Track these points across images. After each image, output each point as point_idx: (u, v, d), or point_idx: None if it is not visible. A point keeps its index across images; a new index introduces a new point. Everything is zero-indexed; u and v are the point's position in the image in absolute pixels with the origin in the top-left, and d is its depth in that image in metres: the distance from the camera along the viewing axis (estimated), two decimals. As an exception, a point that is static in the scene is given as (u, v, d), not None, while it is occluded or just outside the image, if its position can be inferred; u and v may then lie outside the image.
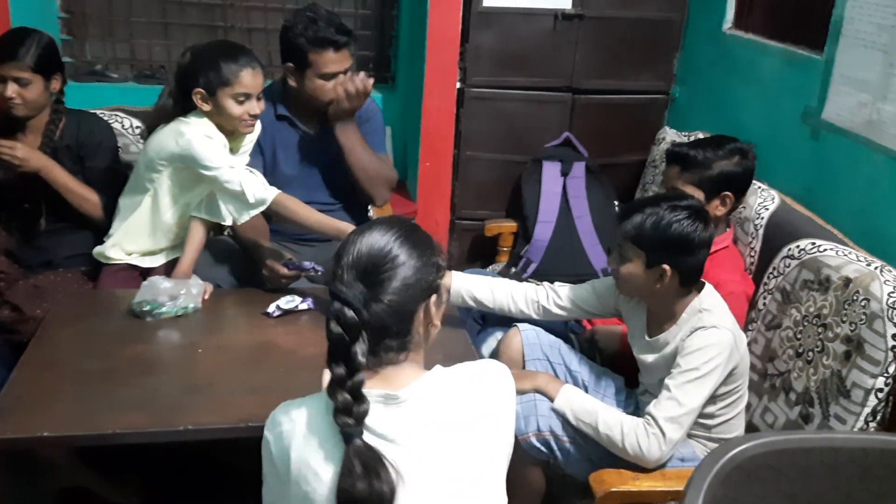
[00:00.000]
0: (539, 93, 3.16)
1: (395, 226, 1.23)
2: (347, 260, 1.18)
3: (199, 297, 2.10)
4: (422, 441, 1.17)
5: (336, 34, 2.30)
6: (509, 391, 1.28)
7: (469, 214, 3.28)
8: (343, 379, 1.15)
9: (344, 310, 1.14)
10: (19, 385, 1.69)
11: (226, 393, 1.74)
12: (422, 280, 1.19)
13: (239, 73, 2.15)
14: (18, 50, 2.25)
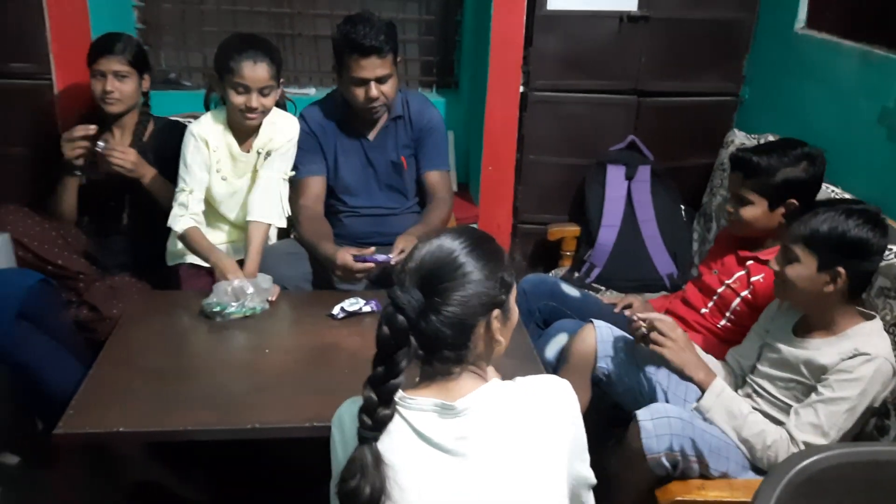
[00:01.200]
0: (603, 95, 3.13)
1: (464, 236, 1.22)
2: (411, 266, 1.19)
3: (268, 295, 2.15)
4: (478, 453, 1.17)
5: (367, 39, 2.28)
6: (572, 407, 1.25)
7: (531, 218, 3.26)
8: (379, 380, 1.16)
9: (395, 315, 1.15)
10: (96, 382, 1.77)
11: (292, 392, 1.77)
12: (485, 294, 1.18)
13: (240, 62, 2.24)
14: (116, 45, 2.39)
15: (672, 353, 1.87)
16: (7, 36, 2.69)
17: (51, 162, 2.60)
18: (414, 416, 1.18)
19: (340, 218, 2.59)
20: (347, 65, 2.34)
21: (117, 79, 2.40)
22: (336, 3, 3.30)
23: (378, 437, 1.16)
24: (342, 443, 1.23)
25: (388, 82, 2.37)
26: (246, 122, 2.33)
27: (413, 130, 2.56)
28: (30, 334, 2.04)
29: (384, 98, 2.39)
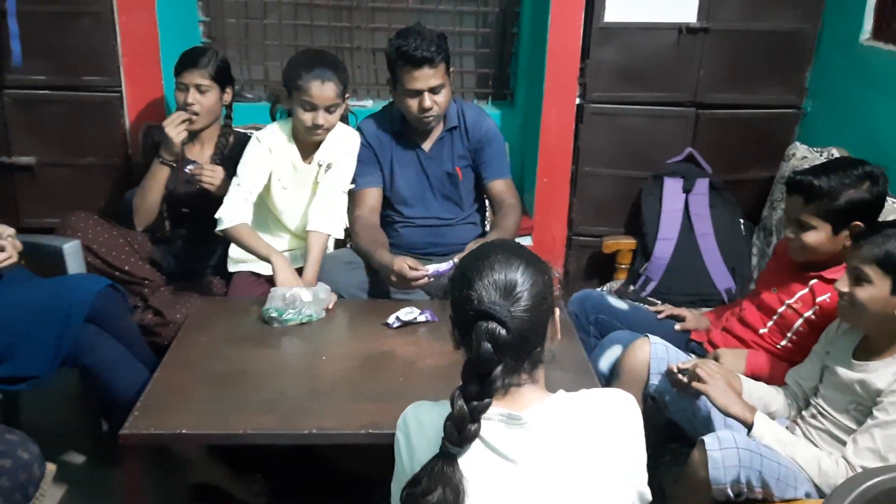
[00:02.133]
0: (661, 108, 3.10)
1: (509, 245, 1.26)
2: (484, 282, 1.19)
3: (324, 306, 2.19)
4: (543, 464, 1.17)
5: (418, 50, 2.31)
6: (635, 422, 1.25)
7: (586, 230, 3.25)
8: (472, 395, 1.16)
9: (497, 328, 1.15)
10: (161, 385, 1.82)
11: (348, 399, 1.80)
12: (548, 293, 1.22)
13: (309, 82, 2.30)
14: (199, 59, 2.47)
15: (715, 392, 1.84)
16: (81, 51, 2.80)
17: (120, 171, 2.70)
18: (484, 426, 1.18)
19: (396, 228, 2.62)
20: (400, 76, 2.38)
21: (199, 91, 2.48)
22: (394, 18, 3.35)
23: (462, 453, 1.16)
24: (407, 446, 1.25)
25: (440, 92, 2.40)
26: (312, 137, 2.39)
27: (470, 141, 2.58)
28: (98, 338, 2.12)
29: (437, 108, 2.42)
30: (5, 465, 1.67)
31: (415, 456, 1.22)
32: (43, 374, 2.07)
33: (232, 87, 2.60)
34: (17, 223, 2.77)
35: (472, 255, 1.26)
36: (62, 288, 2.16)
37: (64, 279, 2.27)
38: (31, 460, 1.71)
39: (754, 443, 1.74)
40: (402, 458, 1.25)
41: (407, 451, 1.24)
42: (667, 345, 2.07)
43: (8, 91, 2.82)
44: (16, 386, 2.08)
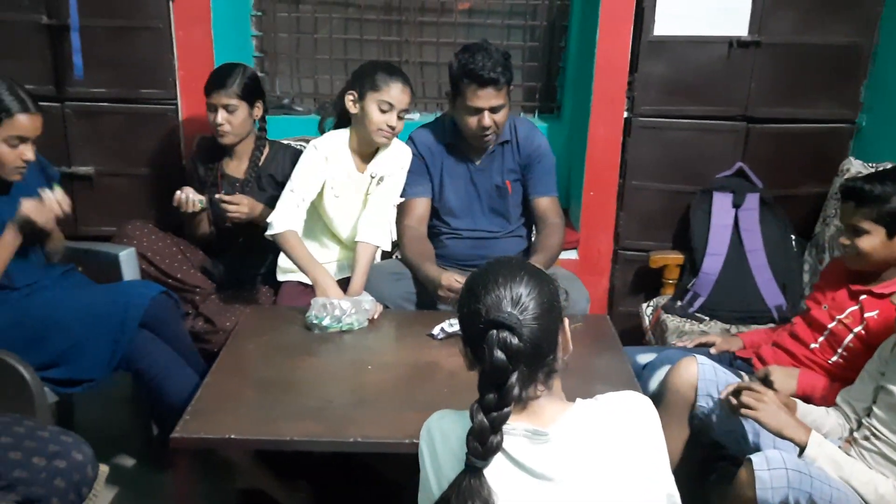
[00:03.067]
0: (710, 121, 3.06)
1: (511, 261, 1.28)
2: (494, 294, 1.21)
3: (368, 316, 2.22)
4: (571, 480, 1.17)
5: (485, 70, 2.33)
6: (655, 424, 1.26)
7: (633, 245, 3.22)
8: (491, 406, 1.17)
9: (508, 336, 1.17)
10: (211, 390, 1.86)
11: (392, 409, 1.81)
12: (555, 302, 1.24)
13: (389, 83, 2.35)
14: (226, 80, 2.53)
15: (767, 416, 1.79)
16: (139, 64, 2.89)
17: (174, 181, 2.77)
18: (508, 441, 1.19)
19: (443, 240, 2.64)
20: (463, 93, 2.39)
21: (227, 111, 2.53)
22: (442, 32, 3.38)
23: (487, 465, 1.17)
24: (431, 458, 1.25)
25: (500, 112, 2.42)
26: (379, 139, 2.43)
27: (521, 156, 2.59)
28: (151, 343, 2.18)
29: (495, 127, 2.44)
30: (60, 466, 1.72)
31: (441, 469, 1.22)
32: (98, 377, 2.13)
33: (263, 101, 2.64)
34: (74, 231, 2.88)
35: (477, 273, 1.28)
36: (118, 294, 2.23)
37: (120, 285, 2.34)
38: (84, 461, 1.76)
39: (804, 464, 1.70)
40: (427, 469, 1.26)
41: (432, 462, 1.25)
42: (715, 366, 2.03)
43: (70, 103, 2.92)
44: (72, 388, 2.15)
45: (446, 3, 3.35)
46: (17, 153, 2.09)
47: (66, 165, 2.95)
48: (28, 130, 2.09)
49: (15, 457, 1.69)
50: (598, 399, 1.27)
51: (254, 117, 2.62)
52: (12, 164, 2.10)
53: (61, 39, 2.80)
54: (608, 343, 2.21)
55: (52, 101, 2.87)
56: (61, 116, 2.92)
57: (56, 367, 2.11)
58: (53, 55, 2.85)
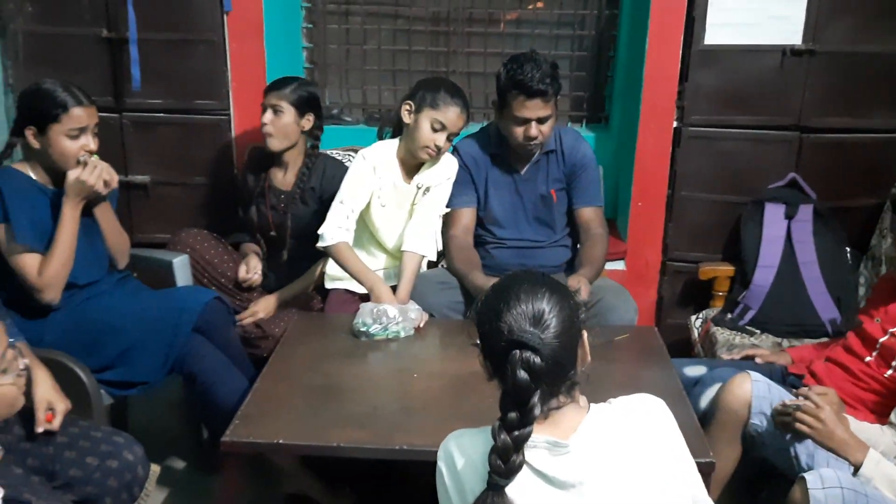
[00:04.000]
0: (762, 131, 3.00)
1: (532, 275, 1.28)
2: (513, 312, 1.20)
3: (414, 324, 2.23)
4: (594, 485, 1.18)
5: (533, 81, 2.33)
6: (671, 425, 1.27)
7: (682, 256, 3.17)
8: (513, 425, 1.17)
9: (532, 357, 1.17)
10: (260, 395, 1.89)
11: (437, 417, 1.82)
12: (575, 317, 1.24)
13: (449, 104, 2.38)
14: (282, 84, 2.60)
15: (822, 436, 1.76)
16: (194, 76, 2.97)
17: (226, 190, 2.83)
18: (530, 454, 1.19)
19: (488, 249, 2.64)
20: (510, 102, 2.40)
21: (273, 112, 2.58)
22: (489, 42, 3.39)
23: (509, 483, 1.17)
24: (452, 478, 1.26)
25: (547, 122, 2.43)
26: (422, 155, 2.45)
27: (565, 165, 2.59)
28: (203, 347, 2.23)
29: (542, 137, 2.44)
30: (112, 466, 1.76)
31: (463, 486, 1.23)
32: (153, 379, 2.19)
33: (315, 116, 2.65)
34: (132, 237, 2.93)
35: (496, 288, 1.28)
36: (173, 299, 2.29)
37: (174, 291, 2.40)
38: (135, 462, 1.81)
39: (859, 483, 1.66)
40: (447, 487, 1.26)
41: (452, 481, 1.25)
42: (769, 383, 1.98)
43: (127, 114, 3.01)
44: (127, 391, 2.21)
45: (494, 14, 3.36)
46: (80, 144, 2.18)
47: (123, 174, 3.02)
48: (84, 120, 2.19)
49: (70, 456, 1.74)
50: (612, 403, 1.28)
51: (301, 127, 2.63)
52: (75, 155, 2.19)
53: (120, 52, 2.90)
54: (656, 355, 2.19)
55: (110, 111, 2.96)
56: (119, 127, 3.01)
57: (112, 369, 2.18)
58: (112, 67, 2.95)
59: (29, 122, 2.16)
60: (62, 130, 2.15)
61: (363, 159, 2.49)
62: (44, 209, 2.19)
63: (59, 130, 2.15)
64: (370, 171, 2.48)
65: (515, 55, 2.43)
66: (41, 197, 2.20)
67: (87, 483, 1.72)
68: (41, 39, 2.92)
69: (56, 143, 2.16)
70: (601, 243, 2.55)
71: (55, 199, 2.21)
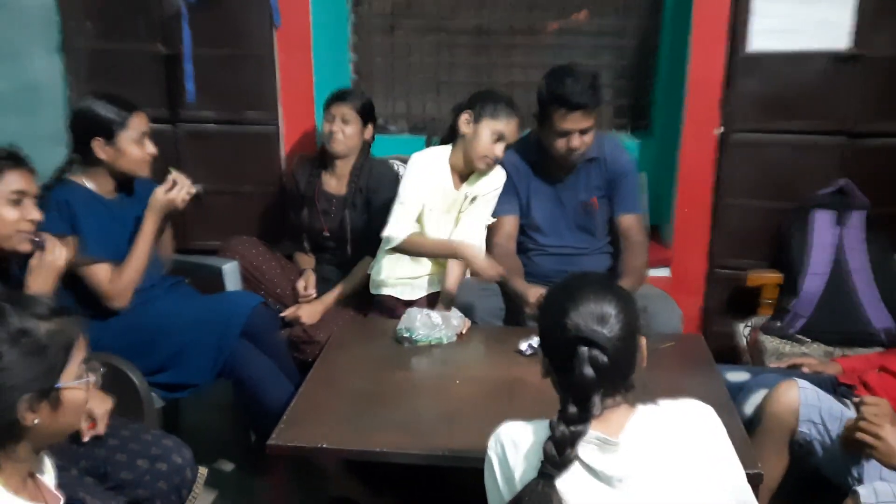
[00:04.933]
0: (809, 137, 2.96)
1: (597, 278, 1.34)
2: (580, 311, 1.24)
3: (456, 331, 2.26)
4: (641, 483, 1.20)
5: (574, 95, 2.34)
6: (720, 431, 1.28)
7: (728, 263, 3.13)
8: (573, 419, 1.20)
9: (599, 355, 1.20)
10: (305, 400, 1.94)
11: (479, 424, 1.80)
12: (635, 322, 1.27)
13: (510, 117, 2.43)
14: (348, 95, 2.72)
15: (883, 453, 1.70)
16: (245, 89, 3.06)
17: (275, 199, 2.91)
18: (580, 448, 1.22)
19: (530, 256, 2.66)
20: (551, 115, 2.42)
21: (343, 121, 2.68)
22: (531, 53, 3.41)
23: (560, 474, 1.19)
24: (502, 467, 1.28)
25: (589, 133, 2.44)
26: (481, 165, 2.50)
27: (607, 172, 2.59)
28: (250, 352, 2.29)
29: (584, 147, 2.46)
30: (162, 469, 1.81)
31: (512, 475, 1.25)
32: (201, 382, 2.25)
33: (374, 125, 2.77)
34: (184, 245, 3.03)
35: (562, 286, 1.32)
36: (221, 304, 2.36)
37: (223, 296, 2.48)
38: (184, 464, 1.85)
39: None
40: (496, 475, 1.29)
41: (501, 469, 1.28)
42: (817, 390, 1.94)
43: (182, 125, 3.11)
44: (177, 393, 2.28)
45: (535, 25, 3.38)
46: (145, 149, 2.30)
47: (178, 184, 3.13)
48: (146, 125, 2.31)
49: (121, 459, 1.79)
50: (661, 405, 1.29)
51: (363, 136, 2.74)
52: (144, 160, 2.31)
53: (175, 67, 2.99)
54: (702, 363, 2.18)
55: (165, 123, 3.06)
56: (174, 138, 3.11)
57: (163, 372, 2.25)
58: (168, 82, 3.05)
59: (94, 135, 2.25)
60: (131, 136, 2.26)
61: (417, 163, 2.53)
62: (105, 219, 2.29)
63: (128, 137, 2.25)
64: (427, 174, 2.53)
65: (555, 68, 2.46)
66: (102, 207, 2.30)
67: (137, 486, 1.77)
68: (101, 56, 3.04)
69: (126, 149, 2.26)
70: (641, 252, 2.55)
71: (115, 209, 2.31)
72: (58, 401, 1.25)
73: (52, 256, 1.91)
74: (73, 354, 1.27)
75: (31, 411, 1.21)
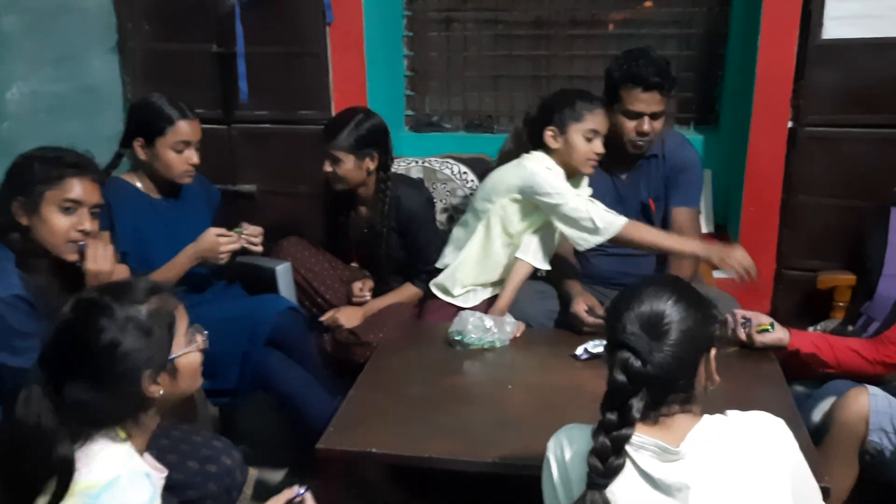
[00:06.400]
0: (889, 131, 2.79)
1: (670, 280, 1.29)
2: (631, 313, 1.21)
3: (510, 335, 2.19)
4: (702, 494, 1.16)
5: (650, 74, 2.27)
6: (792, 446, 1.23)
7: (798, 264, 2.99)
8: (611, 426, 1.17)
9: (630, 359, 1.17)
10: (354, 405, 1.90)
11: (532, 431, 1.75)
12: (701, 331, 1.22)
13: (592, 110, 2.31)
14: (337, 133, 2.50)
15: None
16: (298, 88, 3.05)
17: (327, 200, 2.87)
18: (638, 455, 1.18)
19: (588, 256, 2.56)
20: (623, 97, 2.35)
21: (333, 162, 2.51)
22: (590, 44, 3.31)
23: (608, 485, 1.16)
24: (560, 470, 1.26)
25: (659, 119, 2.36)
26: (587, 169, 2.38)
27: (666, 168, 2.49)
28: (282, 363, 2.23)
29: (653, 134, 2.38)
30: (212, 470, 1.80)
31: (570, 479, 1.24)
32: (240, 388, 2.21)
33: (380, 151, 2.53)
34: (238, 245, 3.06)
35: (627, 289, 1.28)
36: (248, 309, 2.30)
37: (251, 300, 2.41)
38: (233, 466, 1.84)
39: None
40: (553, 477, 1.27)
41: (559, 472, 1.26)
42: (889, 397, 1.84)
43: (236, 125, 3.12)
44: (218, 398, 2.24)
45: (596, 15, 3.28)
46: (185, 158, 2.28)
47: (231, 184, 3.14)
48: (189, 134, 2.28)
49: (172, 459, 1.78)
50: (729, 415, 1.25)
51: (364, 168, 2.52)
52: (181, 168, 2.29)
53: (229, 66, 2.99)
54: (766, 370, 2.06)
55: (220, 123, 3.08)
56: (228, 137, 3.12)
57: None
58: (222, 81, 3.06)
59: (137, 134, 2.27)
60: (168, 143, 2.25)
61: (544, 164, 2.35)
62: (148, 217, 2.29)
63: (165, 143, 2.25)
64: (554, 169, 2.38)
65: (629, 50, 2.39)
66: (146, 206, 2.31)
67: (188, 487, 1.77)
68: (156, 56, 3.08)
69: (163, 155, 2.26)
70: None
71: (161, 209, 2.32)
72: (175, 369, 1.37)
73: (94, 266, 1.86)
74: (176, 326, 1.39)
75: (155, 384, 1.34)
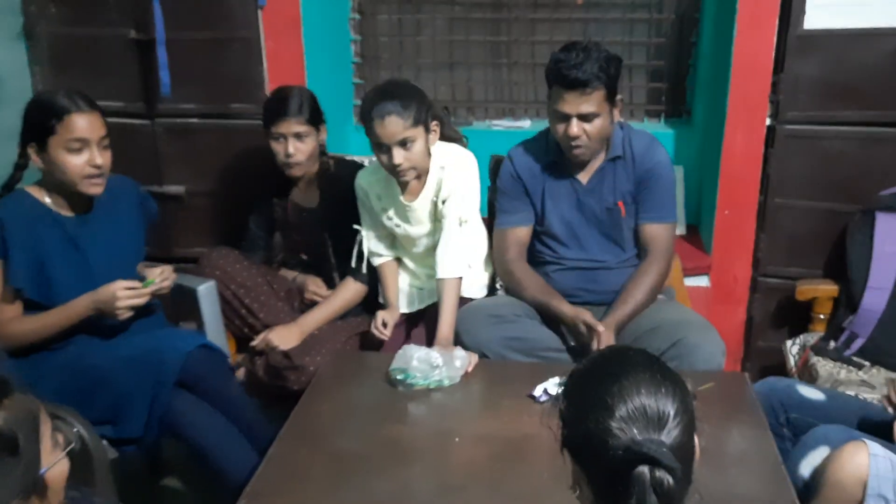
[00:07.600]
0: (874, 129, 2.60)
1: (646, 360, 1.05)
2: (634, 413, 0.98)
3: (460, 371, 1.95)
4: None
5: (573, 70, 2.04)
6: None
7: (776, 272, 2.80)
8: None
9: (666, 478, 0.94)
10: (275, 465, 1.65)
11: (480, 499, 1.54)
12: (693, 417, 1.02)
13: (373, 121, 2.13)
14: (293, 106, 2.29)
15: None
16: (228, 78, 2.73)
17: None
18: None
19: (547, 271, 2.33)
20: (552, 95, 2.14)
21: (298, 140, 2.30)
22: (557, 29, 3.07)
23: None
24: None
25: (593, 122, 2.11)
26: (401, 179, 2.22)
27: (636, 172, 2.25)
28: (195, 409, 1.94)
29: (586, 138, 2.12)
30: None
31: None
32: (145, 436, 1.92)
33: (324, 123, 2.39)
34: (168, 252, 2.78)
35: (596, 366, 1.06)
36: (156, 346, 1.98)
37: (158, 336, 2.07)
38: None
39: None
40: None
41: None
42: (891, 458, 1.62)
43: (160, 120, 2.81)
44: (125, 447, 1.94)
45: (561, -2, 3.03)
46: (84, 160, 1.92)
47: (158, 185, 2.83)
48: (86, 131, 1.91)
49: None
50: None
51: (321, 142, 2.38)
52: (80, 173, 1.93)
53: (150, 55, 2.68)
54: (745, 410, 1.85)
55: (142, 117, 2.79)
56: (151, 133, 2.81)
57: (107, 424, 1.90)
58: (142, 71, 2.74)
59: (31, 138, 1.92)
60: (61, 143, 1.90)
61: (357, 187, 2.34)
62: (53, 241, 1.97)
63: (58, 143, 1.90)
64: (364, 197, 2.35)
65: (568, 44, 2.13)
66: (52, 226, 1.98)
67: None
68: (67, 42, 2.74)
69: (57, 158, 1.90)
70: (653, 272, 2.22)
71: (71, 229, 2.00)
72: (44, 486, 1.09)
73: None
74: (42, 430, 1.09)
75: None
